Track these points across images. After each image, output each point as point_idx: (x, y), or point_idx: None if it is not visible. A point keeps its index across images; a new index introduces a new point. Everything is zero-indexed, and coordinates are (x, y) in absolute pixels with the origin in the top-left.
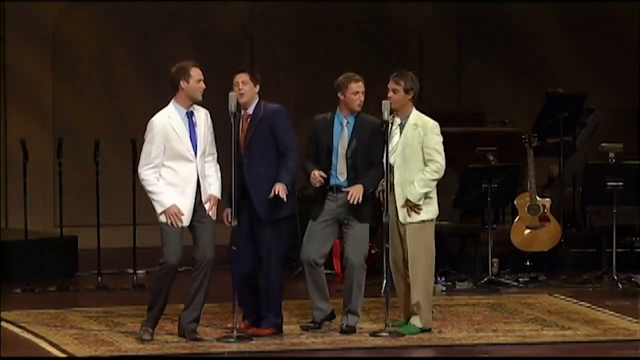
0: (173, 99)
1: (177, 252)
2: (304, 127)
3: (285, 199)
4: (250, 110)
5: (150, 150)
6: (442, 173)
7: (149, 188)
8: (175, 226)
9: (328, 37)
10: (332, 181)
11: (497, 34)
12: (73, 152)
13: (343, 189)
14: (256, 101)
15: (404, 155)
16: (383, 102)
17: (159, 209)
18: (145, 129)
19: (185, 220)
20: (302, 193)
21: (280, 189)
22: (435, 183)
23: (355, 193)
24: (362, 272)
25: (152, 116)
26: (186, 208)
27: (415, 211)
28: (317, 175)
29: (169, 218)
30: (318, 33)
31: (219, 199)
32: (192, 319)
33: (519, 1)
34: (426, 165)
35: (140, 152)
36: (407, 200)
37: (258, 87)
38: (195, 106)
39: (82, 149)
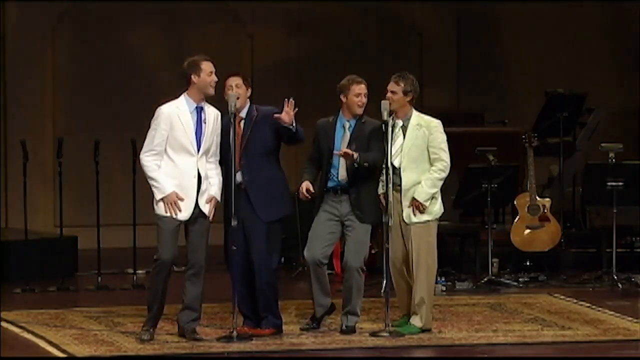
0: (185, 93)
1: (171, 249)
2: (304, 127)
3: (293, 120)
4: (243, 114)
5: (154, 137)
6: (448, 171)
7: (149, 174)
8: (175, 214)
9: (328, 37)
10: (334, 184)
11: (497, 34)
12: (73, 152)
13: (335, 153)
14: (248, 104)
15: (410, 157)
16: (382, 102)
17: (158, 195)
18: (153, 115)
19: (184, 215)
20: None
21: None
22: (442, 182)
23: (348, 152)
24: (360, 275)
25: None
26: (185, 202)
27: (420, 211)
28: (303, 190)
29: (167, 206)
30: (318, 33)
31: (218, 200)
32: (191, 319)
33: (519, 1)
34: (432, 165)
35: (143, 141)
36: (414, 199)
37: (250, 90)
38: (208, 105)
39: (82, 149)
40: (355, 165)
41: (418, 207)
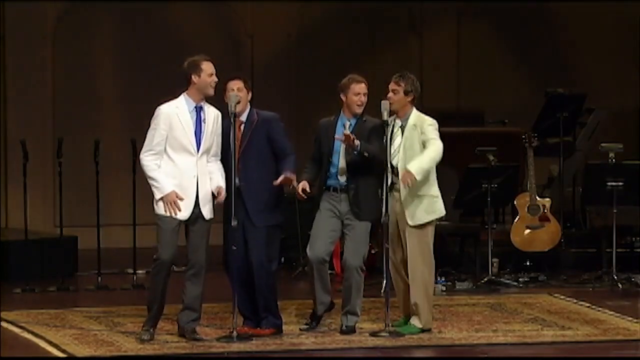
0: (185, 92)
1: (170, 249)
2: (304, 127)
3: (294, 181)
4: (243, 118)
5: (154, 137)
6: (441, 152)
7: (149, 174)
8: (174, 214)
9: (328, 37)
10: (334, 182)
11: (497, 34)
12: (73, 152)
13: (336, 137)
14: (249, 108)
15: (407, 157)
16: (382, 102)
17: (157, 195)
18: (153, 114)
19: (184, 215)
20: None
21: (286, 177)
22: (435, 162)
23: (350, 135)
24: (359, 274)
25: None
26: (185, 202)
27: (409, 185)
28: (300, 190)
29: (167, 205)
30: (318, 33)
31: (224, 189)
32: (191, 319)
33: (519, 1)
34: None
35: (143, 141)
36: (406, 171)
37: (250, 94)
38: (207, 104)
39: (82, 149)
40: (355, 152)
41: (409, 178)
